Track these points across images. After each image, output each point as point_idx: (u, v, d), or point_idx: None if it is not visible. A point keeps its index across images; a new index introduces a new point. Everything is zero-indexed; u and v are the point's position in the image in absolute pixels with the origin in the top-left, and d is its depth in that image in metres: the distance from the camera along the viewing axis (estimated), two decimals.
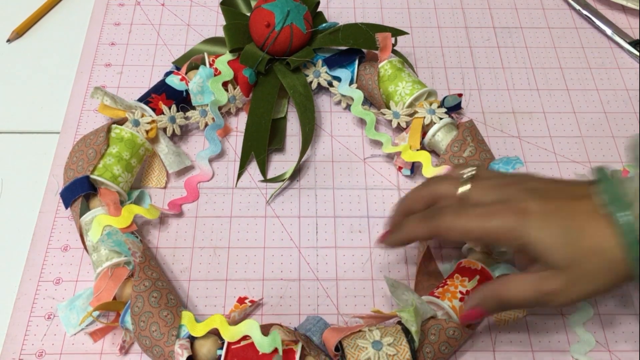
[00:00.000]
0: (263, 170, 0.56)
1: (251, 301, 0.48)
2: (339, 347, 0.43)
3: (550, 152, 0.58)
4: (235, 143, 0.58)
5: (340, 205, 0.54)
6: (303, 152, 0.55)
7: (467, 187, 0.42)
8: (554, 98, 0.62)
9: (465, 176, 0.43)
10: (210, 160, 0.57)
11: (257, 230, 0.52)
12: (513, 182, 0.42)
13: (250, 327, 0.42)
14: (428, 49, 0.66)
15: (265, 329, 0.43)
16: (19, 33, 0.66)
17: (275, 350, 0.41)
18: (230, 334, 0.42)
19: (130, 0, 0.69)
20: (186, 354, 0.41)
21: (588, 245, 0.38)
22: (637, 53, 0.65)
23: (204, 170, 0.56)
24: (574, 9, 0.69)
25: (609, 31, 0.67)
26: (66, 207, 0.50)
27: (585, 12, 0.69)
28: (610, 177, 0.39)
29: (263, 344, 0.41)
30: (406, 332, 0.43)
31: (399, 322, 0.44)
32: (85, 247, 0.48)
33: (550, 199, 0.39)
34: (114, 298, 0.45)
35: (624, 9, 0.69)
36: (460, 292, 0.45)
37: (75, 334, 0.47)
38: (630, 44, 0.66)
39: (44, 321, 0.47)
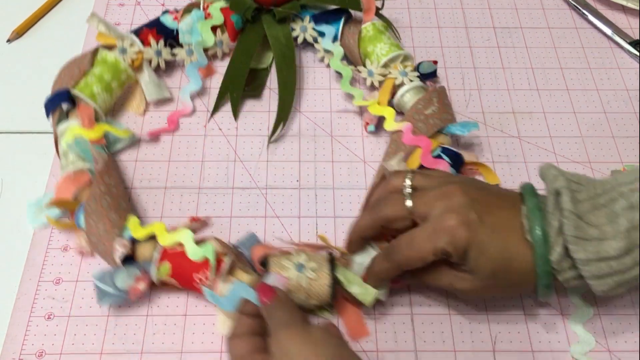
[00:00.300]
0: (235, 110, 0.59)
1: (195, 218, 0.51)
2: (265, 263, 0.45)
3: (550, 152, 0.58)
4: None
5: (340, 205, 0.54)
6: (283, 96, 0.59)
7: (410, 204, 0.44)
8: (554, 98, 0.62)
9: (405, 192, 0.44)
10: (192, 98, 0.60)
11: (257, 231, 0.52)
12: (452, 192, 0.43)
13: (184, 236, 0.46)
14: (428, 49, 0.66)
15: (203, 241, 0.47)
16: (19, 33, 0.66)
17: (206, 260, 0.45)
18: (166, 239, 0.46)
19: (130, 1, 0.69)
20: (122, 250, 0.45)
21: (508, 261, 0.41)
22: (637, 53, 0.65)
23: (185, 105, 0.60)
24: (574, 9, 0.69)
25: (609, 31, 0.67)
26: (47, 117, 0.54)
27: (585, 12, 0.69)
28: (532, 193, 0.43)
29: (194, 252, 0.45)
30: (331, 263, 0.45)
31: (330, 254, 0.46)
32: (57, 153, 0.53)
33: (487, 213, 0.42)
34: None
35: (624, 9, 0.69)
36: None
37: (35, 228, 0.52)
38: (630, 44, 0.66)
39: (44, 321, 0.47)
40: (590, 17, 0.68)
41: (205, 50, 0.61)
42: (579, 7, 0.69)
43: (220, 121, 0.59)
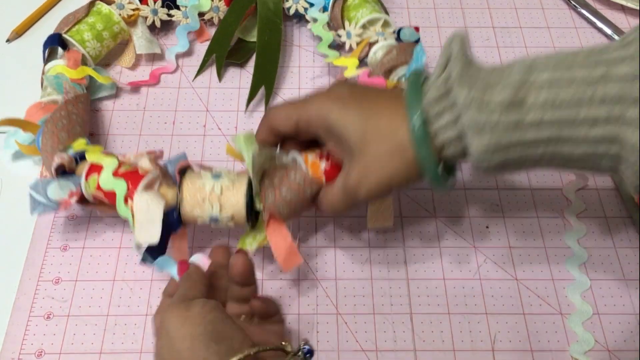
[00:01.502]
0: (219, 71, 0.62)
1: (151, 152, 0.50)
2: (183, 172, 0.46)
3: None
4: None
5: None
6: (261, 62, 0.60)
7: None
8: None
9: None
10: (177, 57, 0.63)
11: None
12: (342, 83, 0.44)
13: (107, 162, 0.47)
14: (428, 49, 0.65)
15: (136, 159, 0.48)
16: (19, 33, 0.66)
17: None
18: (93, 157, 0.48)
19: None
20: (58, 161, 0.47)
21: (381, 126, 0.39)
22: None
23: (170, 63, 0.63)
24: (574, 8, 0.69)
25: (608, 31, 0.67)
26: (43, 60, 0.58)
27: (585, 12, 0.69)
28: (418, 81, 0.40)
29: (105, 181, 0.46)
30: (250, 183, 0.45)
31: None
32: (41, 86, 0.57)
33: (362, 91, 0.42)
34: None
35: (623, 9, 0.69)
36: (321, 151, 0.45)
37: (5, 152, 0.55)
38: None
39: (43, 321, 0.47)
40: (590, 17, 0.68)
41: (202, 15, 0.64)
42: (579, 7, 0.69)
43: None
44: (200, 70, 0.62)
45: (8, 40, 0.65)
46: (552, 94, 0.34)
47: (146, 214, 0.44)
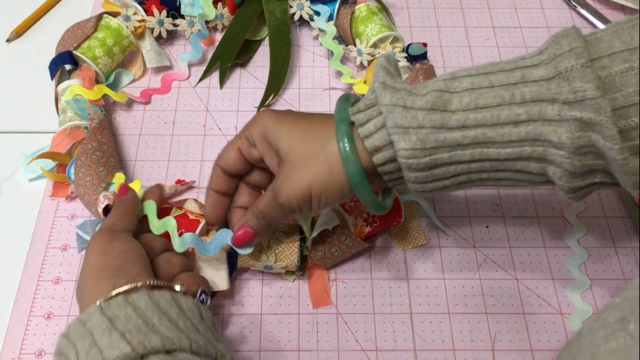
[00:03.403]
0: (222, 78, 0.62)
1: (181, 181, 0.54)
2: None
3: None
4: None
5: None
6: (275, 69, 0.61)
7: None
8: None
9: None
10: (190, 65, 0.63)
11: None
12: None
13: (148, 207, 0.47)
14: (428, 49, 0.65)
15: (182, 202, 0.49)
16: (19, 33, 0.66)
17: (165, 233, 0.46)
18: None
19: None
20: (106, 202, 0.47)
21: (309, 134, 0.40)
22: None
23: (182, 70, 0.63)
24: (574, 8, 0.69)
25: None
26: (51, 78, 0.56)
27: (584, 12, 0.69)
28: (348, 97, 0.41)
29: (154, 226, 0.46)
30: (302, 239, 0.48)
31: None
32: (57, 110, 0.56)
33: (300, 113, 0.43)
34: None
35: (623, 8, 0.69)
36: (367, 214, 0.49)
37: (29, 179, 0.55)
38: None
39: (43, 320, 0.47)
40: (590, 17, 0.68)
41: (207, 22, 0.64)
42: (579, 7, 0.69)
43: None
44: (203, 76, 0.62)
45: (8, 40, 0.65)
46: (473, 97, 0.36)
47: (211, 263, 0.47)
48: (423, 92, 0.37)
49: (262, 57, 0.65)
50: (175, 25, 0.63)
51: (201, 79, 0.62)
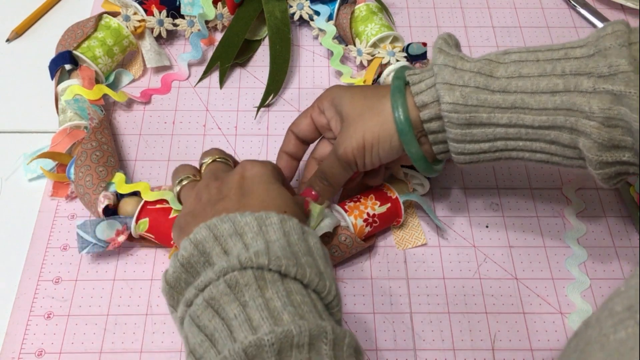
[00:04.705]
0: (222, 78, 0.62)
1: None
2: None
3: None
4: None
5: None
6: (274, 69, 0.61)
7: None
8: None
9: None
10: (190, 65, 0.63)
11: None
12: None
13: (167, 194, 0.49)
14: (428, 49, 0.65)
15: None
16: (19, 33, 0.66)
17: None
18: (149, 195, 0.49)
19: None
20: (106, 202, 0.48)
21: (372, 104, 0.45)
22: None
23: (182, 70, 0.63)
24: (573, 8, 0.69)
25: None
26: (51, 78, 0.56)
27: (584, 12, 0.69)
28: (402, 69, 0.46)
29: (177, 203, 0.47)
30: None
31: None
32: (57, 110, 0.56)
33: (367, 86, 0.49)
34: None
35: (623, 8, 0.69)
36: (367, 214, 0.49)
37: (29, 178, 0.55)
38: None
39: (43, 320, 0.47)
40: (590, 17, 0.68)
41: (207, 22, 0.64)
42: (579, 7, 0.69)
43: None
44: (203, 76, 0.62)
45: (8, 40, 0.65)
46: (518, 68, 0.40)
47: None
48: (473, 60, 0.42)
49: (262, 57, 0.65)
50: (175, 25, 0.63)
51: (201, 79, 0.62)
